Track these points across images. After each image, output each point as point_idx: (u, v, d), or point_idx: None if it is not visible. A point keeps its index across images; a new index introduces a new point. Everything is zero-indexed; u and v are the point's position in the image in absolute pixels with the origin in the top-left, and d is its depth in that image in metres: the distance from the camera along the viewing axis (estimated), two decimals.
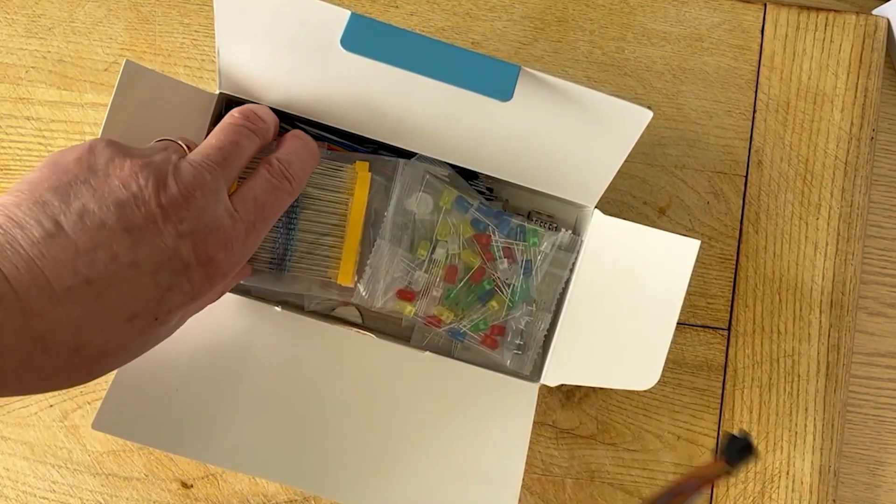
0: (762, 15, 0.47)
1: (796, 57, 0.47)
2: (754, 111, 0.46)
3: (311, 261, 0.39)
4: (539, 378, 0.39)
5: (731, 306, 0.45)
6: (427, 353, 0.40)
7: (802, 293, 0.45)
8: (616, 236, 0.39)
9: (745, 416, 0.44)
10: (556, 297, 0.41)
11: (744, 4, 0.47)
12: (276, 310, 0.39)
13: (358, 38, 0.34)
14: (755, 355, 0.45)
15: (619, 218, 0.39)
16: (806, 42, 0.47)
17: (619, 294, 0.39)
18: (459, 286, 0.40)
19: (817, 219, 0.46)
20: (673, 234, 0.38)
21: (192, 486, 0.43)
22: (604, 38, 0.47)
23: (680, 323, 0.45)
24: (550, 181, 0.40)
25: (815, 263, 0.45)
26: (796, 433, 0.44)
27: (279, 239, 0.39)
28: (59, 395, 0.44)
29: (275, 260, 0.39)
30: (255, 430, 0.38)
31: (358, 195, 0.39)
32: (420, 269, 0.40)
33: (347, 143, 0.41)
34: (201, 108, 0.39)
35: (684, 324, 0.45)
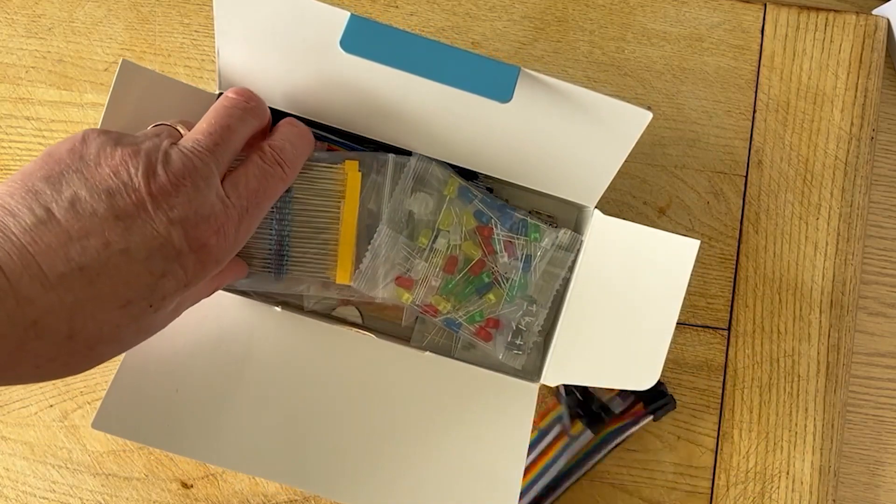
0: (762, 15, 0.47)
1: (796, 57, 0.47)
2: (754, 111, 0.46)
3: (307, 262, 0.39)
4: (539, 378, 0.39)
5: (731, 306, 0.45)
6: (427, 353, 0.40)
7: (802, 293, 0.45)
8: (616, 236, 0.39)
9: (745, 416, 0.44)
10: (552, 295, 0.41)
11: (744, 4, 0.47)
12: (276, 310, 0.39)
13: (357, 40, 0.34)
14: (755, 355, 0.45)
15: (619, 218, 0.39)
16: (806, 42, 0.47)
17: (619, 294, 0.39)
18: (458, 277, 0.40)
19: (817, 219, 0.46)
20: (673, 234, 0.38)
21: (192, 486, 0.44)
22: (604, 38, 0.47)
23: (680, 323, 0.45)
24: (550, 181, 0.40)
25: (815, 263, 0.45)
26: (796, 433, 0.44)
27: (274, 243, 0.39)
28: (60, 395, 0.44)
29: (271, 263, 0.39)
30: (256, 429, 0.38)
31: (350, 195, 0.39)
32: (420, 257, 0.40)
33: (347, 143, 0.41)
34: (201, 108, 0.38)
35: (684, 324, 0.45)
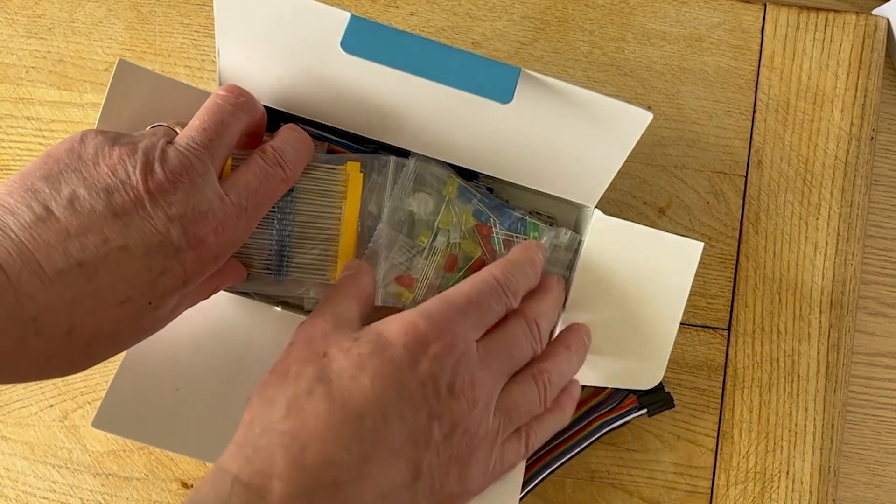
0: (762, 15, 0.47)
1: (796, 57, 0.47)
2: (754, 111, 0.46)
3: (308, 264, 0.39)
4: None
5: (731, 306, 0.45)
6: None
7: (802, 293, 0.45)
8: (616, 236, 0.39)
9: (745, 416, 0.44)
10: None
11: (744, 4, 0.47)
12: (276, 310, 0.39)
13: (358, 41, 0.34)
14: (755, 355, 0.45)
15: (620, 218, 0.39)
16: (806, 42, 0.47)
17: (619, 294, 0.39)
18: (459, 276, 0.40)
19: (817, 219, 0.46)
20: (675, 235, 0.38)
21: (192, 485, 0.43)
22: (604, 38, 0.47)
23: (680, 323, 0.45)
24: (550, 181, 0.40)
25: (815, 263, 0.45)
26: (796, 433, 0.44)
27: (274, 244, 0.39)
28: (60, 395, 0.44)
29: (271, 265, 0.39)
30: None
31: (351, 197, 0.39)
32: (420, 255, 0.40)
33: (347, 143, 0.41)
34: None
35: (684, 324, 0.45)
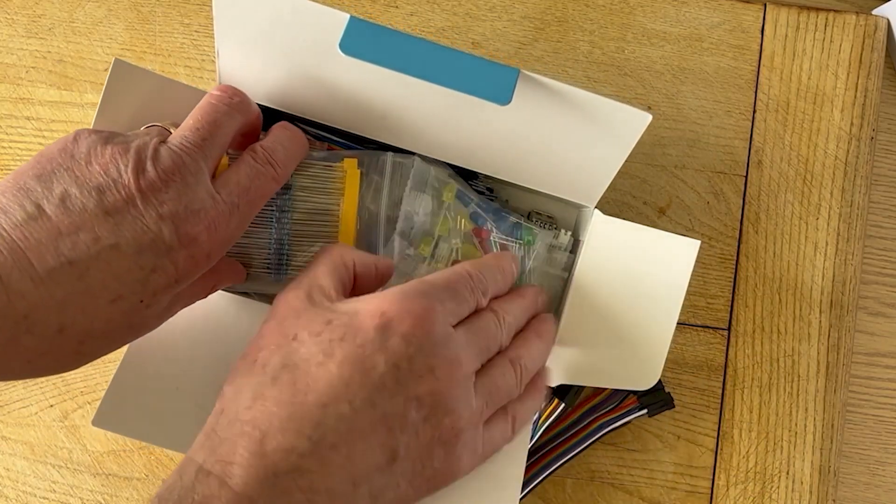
0: (762, 15, 0.47)
1: (796, 57, 0.47)
2: (754, 111, 0.46)
3: (307, 262, 0.39)
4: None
5: (731, 306, 0.45)
6: None
7: (802, 293, 0.45)
8: (616, 236, 0.39)
9: (745, 416, 0.44)
10: (556, 297, 0.40)
11: (744, 4, 0.47)
12: None
13: (357, 42, 0.34)
14: (755, 355, 0.45)
15: (620, 218, 0.39)
16: (806, 42, 0.47)
17: (619, 294, 0.39)
18: None
19: (817, 219, 0.46)
20: (673, 234, 0.38)
21: None
22: (604, 38, 0.47)
23: (680, 323, 0.45)
24: (550, 182, 0.40)
25: (815, 263, 0.45)
26: (796, 433, 0.44)
27: (273, 243, 0.38)
28: (60, 395, 0.44)
29: (271, 264, 0.39)
30: None
31: (349, 193, 0.39)
32: (423, 263, 0.40)
33: (347, 143, 0.41)
34: None
35: (684, 324, 0.45)
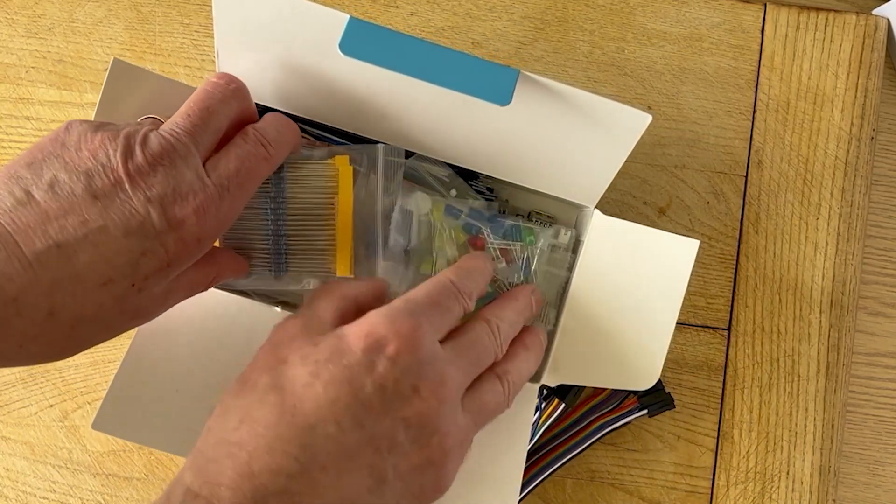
0: (762, 15, 0.47)
1: (796, 57, 0.47)
2: (754, 111, 0.46)
3: (306, 258, 0.39)
4: (539, 378, 0.39)
5: (731, 306, 0.45)
6: None
7: (802, 293, 0.45)
8: (616, 236, 0.39)
9: (745, 416, 0.44)
10: (558, 295, 0.40)
11: (744, 4, 0.47)
12: (276, 310, 0.39)
13: (356, 43, 0.34)
14: (755, 355, 0.45)
15: (619, 218, 0.39)
16: (806, 42, 0.47)
17: (619, 294, 0.39)
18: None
19: (817, 219, 0.46)
20: (673, 234, 0.38)
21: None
22: (604, 38, 0.47)
23: (680, 323, 0.45)
24: (550, 182, 0.40)
25: (815, 263, 0.45)
26: (796, 433, 0.44)
27: (271, 242, 0.38)
28: (60, 395, 0.44)
29: (270, 262, 0.39)
30: None
31: (343, 189, 0.39)
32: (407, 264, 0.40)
33: (347, 143, 0.41)
34: None
35: (684, 324, 0.45)
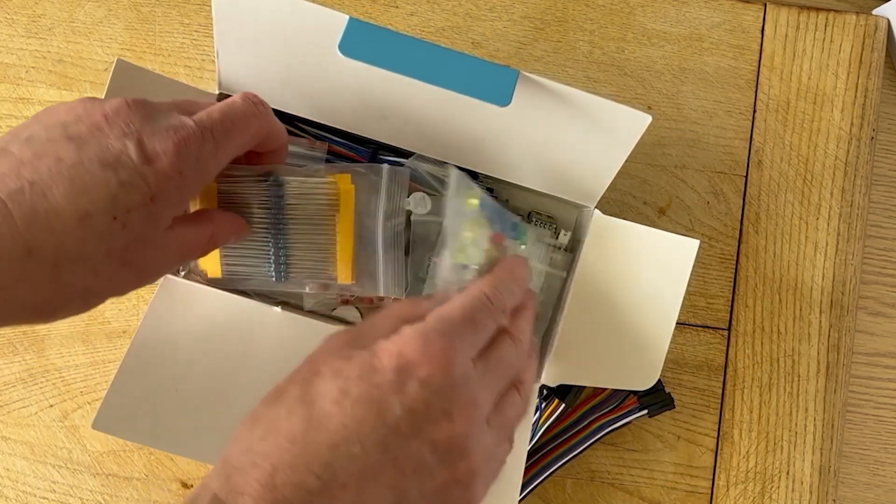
0: (762, 15, 0.47)
1: (796, 57, 0.47)
2: (754, 111, 0.46)
3: (307, 267, 0.39)
4: (539, 378, 0.39)
5: (731, 306, 0.45)
6: None
7: (802, 293, 0.45)
8: (616, 236, 0.39)
9: (745, 416, 0.44)
10: (555, 297, 0.40)
11: (744, 4, 0.47)
12: (276, 310, 0.39)
13: (356, 44, 0.34)
14: (755, 355, 0.45)
15: (619, 218, 0.39)
16: (806, 42, 0.47)
17: (618, 294, 0.39)
18: None
19: (817, 219, 0.46)
20: (673, 234, 0.38)
21: (192, 486, 0.43)
22: (604, 38, 0.47)
23: (680, 323, 0.45)
24: (550, 182, 0.40)
25: (815, 263, 0.45)
26: (796, 433, 0.44)
27: (271, 257, 0.38)
28: (60, 395, 0.44)
29: (272, 273, 0.38)
30: None
31: (344, 206, 0.38)
32: (466, 270, 0.39)
33: (347, 143, 0.41)
34: None
35: (684, 324, 0.45)
